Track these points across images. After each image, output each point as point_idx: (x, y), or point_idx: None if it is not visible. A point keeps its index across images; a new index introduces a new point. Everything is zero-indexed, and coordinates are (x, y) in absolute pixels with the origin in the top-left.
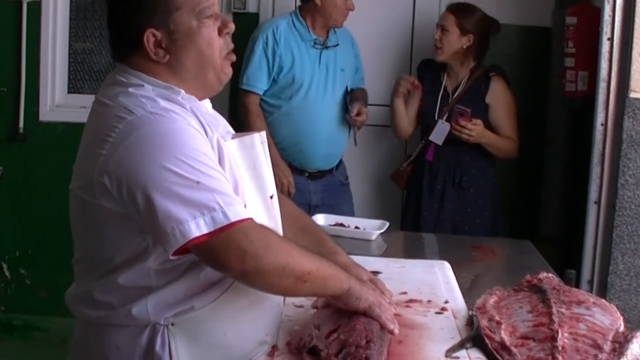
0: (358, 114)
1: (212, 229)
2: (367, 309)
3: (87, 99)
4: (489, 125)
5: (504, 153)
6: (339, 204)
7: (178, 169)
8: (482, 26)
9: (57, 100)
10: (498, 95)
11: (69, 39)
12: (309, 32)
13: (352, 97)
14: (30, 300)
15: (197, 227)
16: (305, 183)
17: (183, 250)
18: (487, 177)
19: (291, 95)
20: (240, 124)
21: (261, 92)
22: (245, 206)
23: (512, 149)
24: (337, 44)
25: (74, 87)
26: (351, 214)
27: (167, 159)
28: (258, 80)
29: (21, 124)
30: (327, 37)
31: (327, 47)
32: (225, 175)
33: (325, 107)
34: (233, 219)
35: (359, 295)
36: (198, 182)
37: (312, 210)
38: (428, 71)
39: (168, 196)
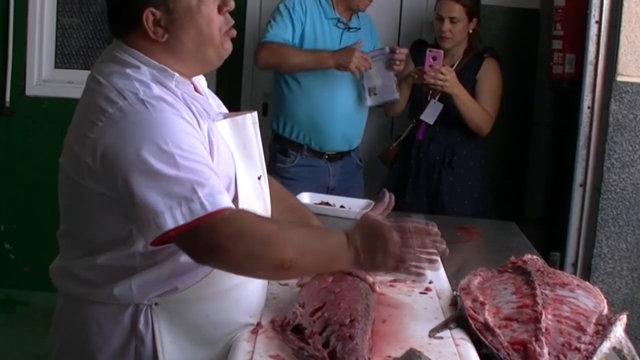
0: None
1: (189, 220)
2: (395, 272)
3: (74, 74)
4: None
5: (476, 120)
6: (351, 187)
7: (159, 160)
8: (479, 6)
9: (44, 75)
10: (487, 73)
11: (57, 13)
12: (334, 10)
13: None
14: (14, 275)
15: (173, 219)
16: (325, 166)
17: (162, 240)
18: (477, 158)
19: (311, 73)
20: (227, 104)
21: (284, 42)
22: (237, 192)
23: (484, 120)
24: (359, 28)
25: (60, 62)
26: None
27: (150, 148)
28: (282, 35)
29: (7, 98)
30: (350, 19)
31: (349, 29)
32: (211, 166)
33: (344, 88)
34: (210, 209)
35: (373, 268)
36: (178, 173)
37: (329, 193)
38: (421, 51)
39: (147, 186)
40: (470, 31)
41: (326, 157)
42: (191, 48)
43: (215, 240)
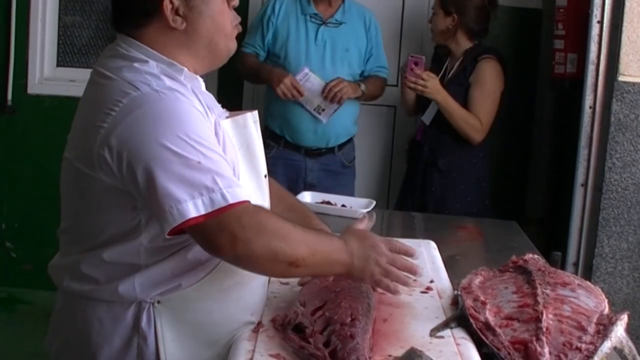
0: (335, 87)
1: (210, 210)
2: (376, 284)
3: (76, 73)
4: (464, 105)
5: (463, 128)
6: (336, 186)
7: (180, 149)
8: (462, 5)
9: (46, 73)
10: (481, 75)
11: (59, 12)
12: (310, 5)
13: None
14: (15, 273)
15: (195, 208)
16: (302, 160)
17: (179, 230)
18: (471, 161)
19: (283, 68)
20: (229, 104)
21: (256, 52)
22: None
23: (472, 129)
24: (342, 23)
25: (63, 60)
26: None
27: (169, 137)
28: (252, 44)
29: (9, 97)
30: (334, 14)
31: (326, 24)
32: (225, 157)
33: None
34: (231, 200)
35: (362, 275)
36: (199, 162)
37: (307, 188)
38: (438, 54)
39: (168, 175)
40: (449, 27)
41: (303, 151)
42: (206, 37)
43: (237, 231)
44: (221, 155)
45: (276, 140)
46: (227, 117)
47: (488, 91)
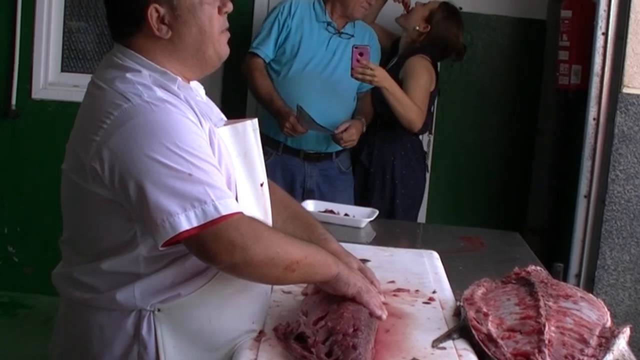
0: (345, 132)
1: (202, 222)
2: (356, 294)
3: (80, 78)
4: None
5: (407, 113)
6: (334, 192)
7: (170, 161)
8: (442, 33)
9: (50, 78)
10: (411, 69)
11: (64, 17)
12: (325, 15)
13: (357, 108)
14: (16, 277)
15: (187, 220)
16: (301, 165)
17: (173, 241)
18: (389, 159)
19: (290, 66)
20: (233, 108)
21: (265, 57)
22: (237, 197)
23: (415, 113)
24: (352, 36)
25: (67, 65)
26: (349, 204)
27: (159, 150)
28: (264, 46)
29: (13, 101)
30: (344, 26)
31: (339, 34)
32: (218, 167)
33: (323, 88)
34: (224, 212)
35: (347, 280)
36: (190, 175)
37: (305, 194)
38: (391, 52)
39: (160, 187)
40: (417, 27)
41: (302, 155)
42: (193, 46)
43: (236, 239)
44: (214, 165)
45: (274, 147)
46: (224, 125)
47: (419, 83)
